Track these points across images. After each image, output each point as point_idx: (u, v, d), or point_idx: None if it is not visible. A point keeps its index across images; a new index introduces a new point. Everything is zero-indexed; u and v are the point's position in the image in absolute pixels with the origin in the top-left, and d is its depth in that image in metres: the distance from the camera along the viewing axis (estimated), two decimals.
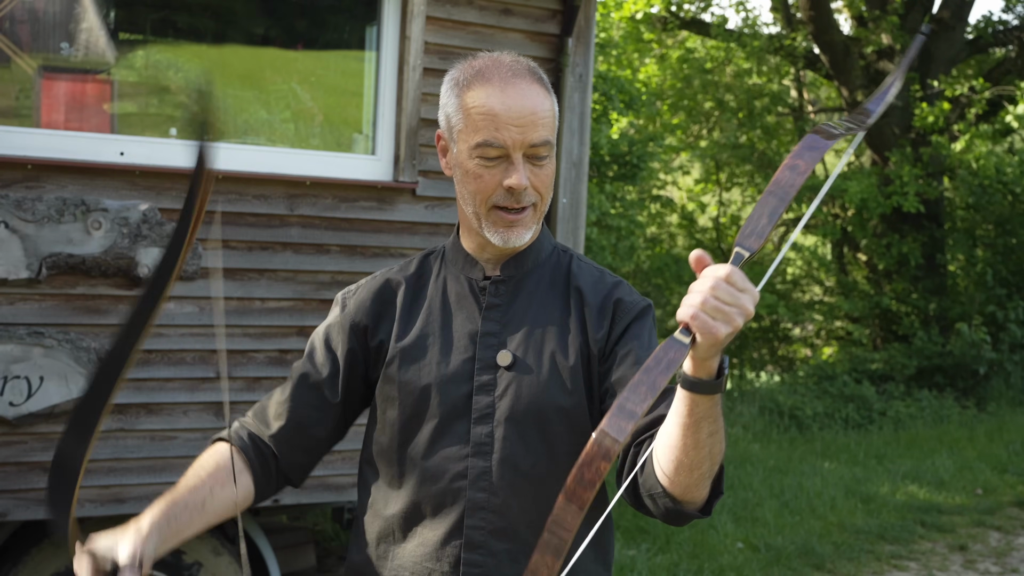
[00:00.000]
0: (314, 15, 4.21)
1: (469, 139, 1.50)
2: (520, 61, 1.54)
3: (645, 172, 8.93)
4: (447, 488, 1.51)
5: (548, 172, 1.52)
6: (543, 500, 1.49)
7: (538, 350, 1.54)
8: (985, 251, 11.12)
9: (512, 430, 1.51)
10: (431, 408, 1.54)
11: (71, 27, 3.62)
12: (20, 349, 3.21)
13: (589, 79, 4.13)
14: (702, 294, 1.14)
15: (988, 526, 6.26)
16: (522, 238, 1.54)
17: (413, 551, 1.53)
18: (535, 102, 1.49)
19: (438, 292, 1.61)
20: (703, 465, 1.29)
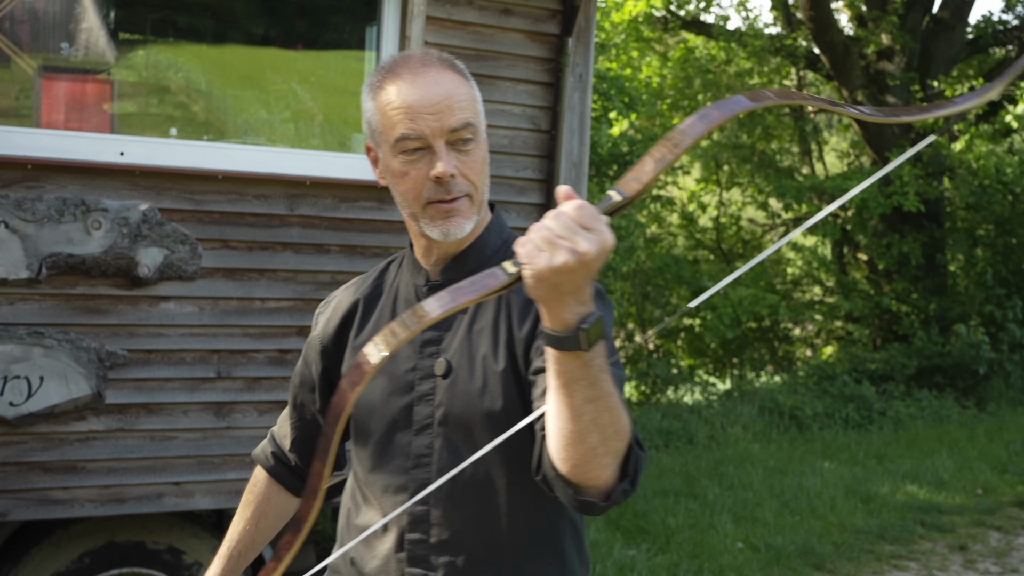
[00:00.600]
0: (314, 15, 4.21)
1: (389, 138, 1.47)
2: (430, 52, 1.51)
3: None
4: (390, 502, 1.50)
5: (476, 158, 1.47)
6: (485, 510, 1.47)
7: (471, 356, 1.49)
8: (985, 251, 11.12)
9: (449, 440, 1.47)
10: (376, 421, 1.53)
11: (71, 27, 3.62)
12: (20, 349, 3.21)
13: (589, 79, 4.13)
14: (540, 224, 1.07)
15: (988, 526, 6.26)
16: (462, 228, 1.48)
17: (369, 563, 1.54)
18: (448, 87, 1.45)
19: (388, 303, 1.60)
20: (589, 438, 1.19)
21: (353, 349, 1.60)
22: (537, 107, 4.05)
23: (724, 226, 12.81)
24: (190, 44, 4.09)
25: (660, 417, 8.67)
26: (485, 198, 1.52)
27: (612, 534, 5.75)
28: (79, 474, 3.37)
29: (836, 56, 11.06)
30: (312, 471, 1.29)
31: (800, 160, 13.26)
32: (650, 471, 7.23)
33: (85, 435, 3.37)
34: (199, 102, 4.01)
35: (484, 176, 1.50)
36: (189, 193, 3.49)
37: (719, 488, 6.76)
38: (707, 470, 7.27)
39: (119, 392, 3.40)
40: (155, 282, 3.41)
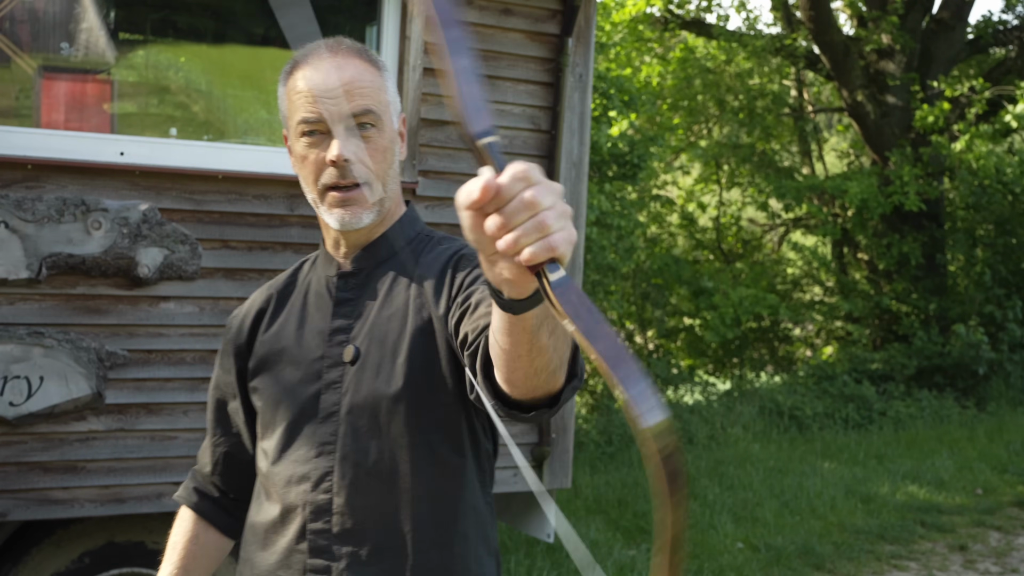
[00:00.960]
0: (314, 15, 4.21)
1: (293, 122, 1.48)
2: (341, 41, 1.51)
3: (645, 172, 8.93)
4: (292, 492, 1.48)
5: (377, 146, 1.46)
6: (391, 497, 1.44)
7: (381, 341, 1.47)
8: (985, 251, 11.12)
9: (353, 427, 1.46)
10: (282, 412, 1.51)
11: (71, 27, 3.62)
12: (20, 349, 3.21)
13: (589, 79, 4.13)
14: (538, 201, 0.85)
15: (988, 526, 6.26)
16: (359, 218, 1.47)
17: (267, 559, 1.50)
18: (351, 73, 1.45)
19: (300, 296, 1.59)
20: (551, 363, 1.14)
21: (260, 343, 1.58)
22: (537, 107, 4.05)
23: (724, 226, 12.81)
24: (190, 44, 4.09)
25: None
26: (390, 189, 1.51)
27: (612, 534, 5.75)
28: (79, 474, 3.37)
29: (836, 56, 11.06)
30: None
31: (800, 160, 13.25)
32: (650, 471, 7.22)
33: (85, 435, 3.37)
34: (199, 102, 4.01)
35: (387, 165, 1.48)
36: (189, 193, 3.49)
37: (719, 488, 6.76)
38: (707, 470, 7.27)
39: (119, 392, 3.40)
40: (155, 282, 3.41)
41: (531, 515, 4.39)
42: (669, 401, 9.81)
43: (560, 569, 5.06)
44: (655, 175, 11.70)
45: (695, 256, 12.44)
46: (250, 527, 1.57)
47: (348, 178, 1.45)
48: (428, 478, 1.45)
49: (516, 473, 4.07)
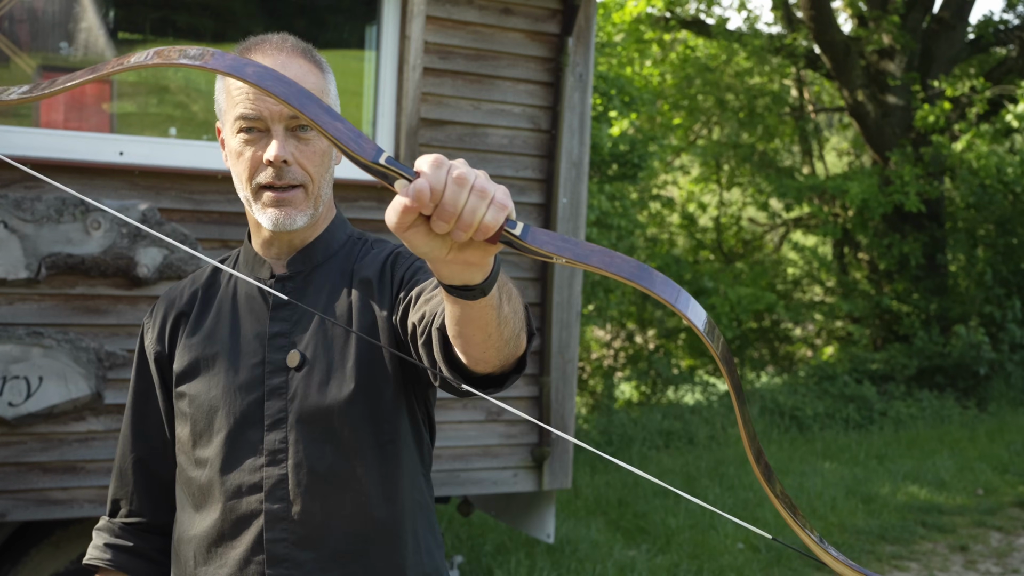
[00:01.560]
0: (314, 15, 4.20)
1: (230, 116, 1.44)
2: (287, 39, 1.49)
3: (645, 172, 8.92)
4: (243, 502, 1.44)
5: (315, 149, 1.44)
6: (346, 502, 1.44)
7: (327, 347, 1.45)
8: (986, 251, 11.11)
9: (305, 433, 1.43)
10: (220, 419, 1.46)
11: (70, 27, 3.61)
12: (19, 349, 3.21)
13: (589, 79, 4.12)
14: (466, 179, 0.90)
15: (989, 526, 6.26)
16: (293, 220, 1.44)
17: (216, 573, 1.46)
18: (295, 73, 1.43)
19: (228, 298, 1.53)
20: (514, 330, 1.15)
21: (187, 347, 1.52)
22: (537, 107, 4.05)
23: (724, 226, 12.81)
24: (190, 44, 4.08)
25: (660, 417, 8.66)
26: (324, 193, 1.48)
27: (612, 535, 5.74)
28: (78, 474, 3.36)
29: (837, 56, 11.05)
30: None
31: (801, 160, 13.25)
32: (650, 471, 7.22)
33: (84, 435, 3.36)
34: (198, 102, 4.01)
35: (323, 169, 1.47)
36: (189, 193, 3.49)
37: (720, 488, 6.75)
38: (708, 470, 7.27)
39: (118, 392, 3.40)
40: (154, 282, 3.41)
41: (531, 515, 4.38)
42: (669, 401, 9.80)
43: (560, 569, 5.05)
44: (655, 175, 11.69)
45: (695, 256, 12.44)
46: (183, 541, 1.51)
47: (284, 179, 1.43)
48: (380, 478, 1.46)
49: (516, 473, 4.07)
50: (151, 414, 1.57)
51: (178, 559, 1.52)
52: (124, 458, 1.60)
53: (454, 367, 1.23)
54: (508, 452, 4.05)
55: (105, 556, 1.58)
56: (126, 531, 1.60)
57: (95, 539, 1.61)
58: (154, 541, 1.60)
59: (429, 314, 1.27)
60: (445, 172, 0.89)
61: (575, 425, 5.06)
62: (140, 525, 1.60)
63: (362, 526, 1.44)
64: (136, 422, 1.59)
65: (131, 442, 1.59)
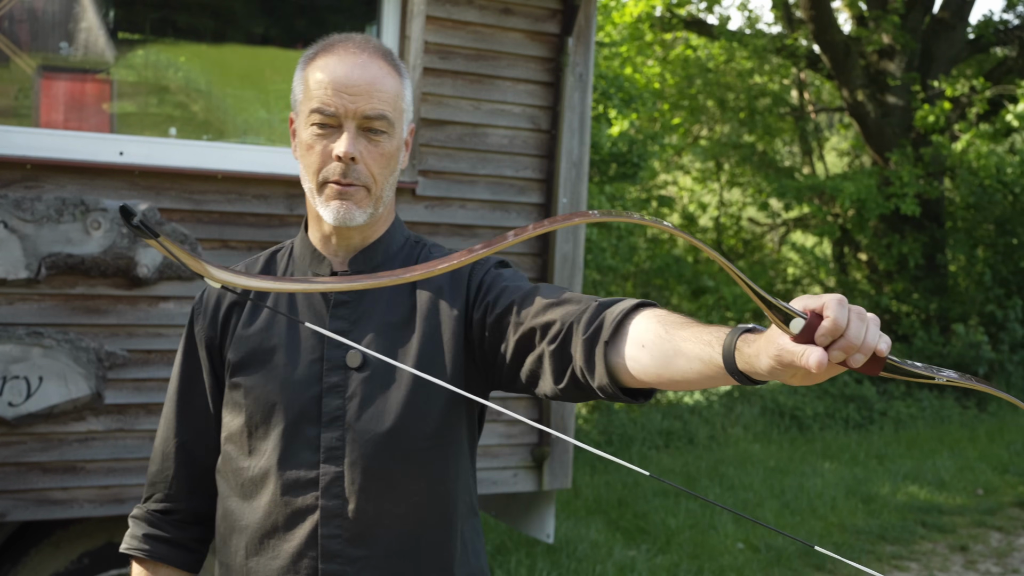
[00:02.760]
0: (314, 14, 4.20)
1: (306, 108, 1.47)
2: (370, 40, 1.51)
3: (645, 172, 8.92)
4: (299, 497, 1.46)
5: (383, 151, 1.46)
6: (399, 502, 1.46)
7: (389, 348, 1.47)
8: (986, 251, 11.11)
9: (362, 432, 1.45)
10: (277, 413, 1.47)
11: (70, 26, 3.61)
12: (19, 349, 3.21)
13: (589, 79, 4.12)
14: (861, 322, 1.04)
15: (989, 526, 6.26)
16: (353, 216, 1.46)
17: (268, 564, 1.47)
18: (374, 75, 1.45)
19: (289, 294, 1.54)
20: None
21: (243, 338, 1.52)
22: (537, 107, 4.05)
23: (724, 226, 12.80)
24: (189, 43, 4.08)
25: (661, 417, 8.66)
26: (386, 195, 1.50)
27: (612, 534, 5.74)
28: (78, 474, 3.36)
29: (837, 56, 11.05)
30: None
31: (801, 160, 13.24)
32: (650, 471, 7.23)
33: (84, 435, 3.36)
34: (198, 102, 4.01)
35: (387, 172, 1.48)
36: (188, 193, 3.48)
37: (720, 488, 6.75)
38: (708, 470, 7.27)
39: (118, 392, 3.40)
40: (154, 282, 3.41)
41: (531, 515, 4.38)
42: (670, 401, 9.81)
43: (560, 569, 5.05)
44: (655, 175, 11.69)
45: (695, 256, 12.43)
46: (234, 531, 1.51)
47: (349, 177, 1.45)
48: (434, 479, 1.48)
49: (516, 473, 4.07)
50: (197, 400, 1.58)
51: (226, 548, 1.53)
52: (167, 442, 1.60)
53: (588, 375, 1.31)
54: (508, 452, 4.05)
55: (144, 547, 1.60)
56: (164, 521, 1.61)
57: (132, 528, 1.62)
58: (191, 530, 1.61)
59: (564, 322, 1.35)
60: (846, 309, 1.02)
61: (575, 425, 5.05)
62: (177, 513, 1.61)
63: (414, 526, 1.46)
64: (181, 407, 1.59)
65: (175, 426, 1.59)
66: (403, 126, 1.50)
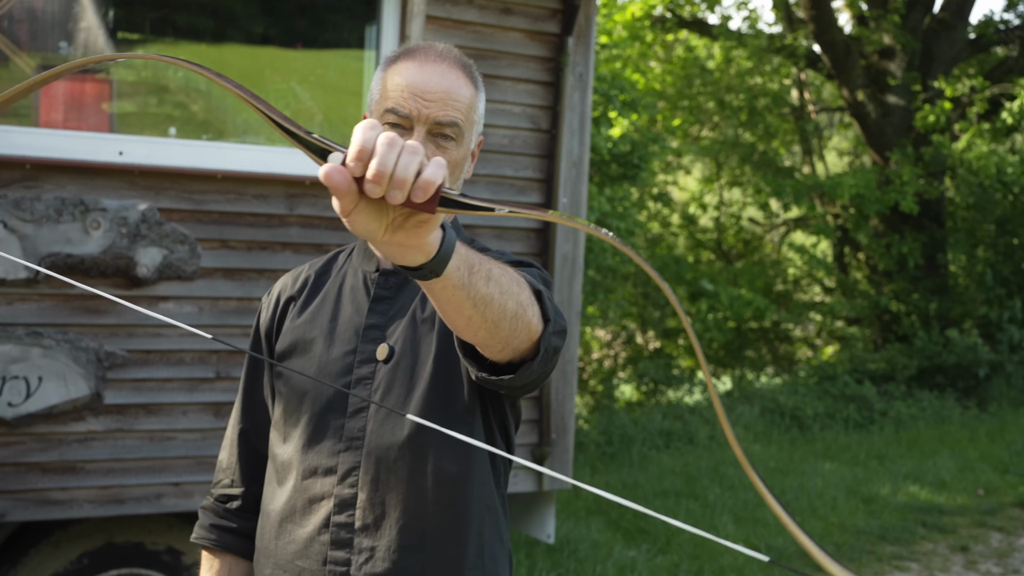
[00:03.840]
0: (313, 14, 4.20)
1: (381, 107, 1.50)
2: (452, 49, 1.54)
3: (646, 173, 8.91)
4: (317, 483, 1.50)
5: (450, 158, 1.48)
6: (409, 495, 1.48)
7: (414, 342, 1.51)
8: (986, 251, 11.10)
9: (383, 424, 1.49)
10: (308, 402, 1.52)
11: (70, 26, 3.61)
12: (18, 349, 3.20)
13: (589, 79, 4.12)
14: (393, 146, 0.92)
15: (990, 527, 6.25)
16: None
17: (285, 548, 1.52)
18: (451, 84, 1.48)
19: (335, 286, 1.60)
20: (508, 306, 1.20)
21: (291, 329, 1.58)
22: (537, 107, 4.04)
23: (724, 226, 12.80)
24: (189, 43, 4.08)
25: (661, 418, 8.66)
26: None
27: (612, 535, 5.74)
28: (78, 475, 3.36)
29: (837, 55, 11.05)
30: None
31: (801, 159, 13.24)
32: (650, 472, 7.22)
33: (84, 436, 3.36)
34: (198, 101, 4.01)
35: (451, 180, 1.50)
36: (188, 193, 3.48)
37: (720, 489, 6.75)
38: (708, 471, 7.26)
39: (118, 392, 3.39)
40: (154, 282, 3.40)
41: (531, 515, 4.38)
42: (670, 401, 9.80)
43: (560, 569, 5.05)
44: (655, 175, 11.68)
45: (696, 255, 12.43)
46: (264, 513, 1.58)
47: None
48: (447, 477, 1.50)
49: (516, 473, 4.06)
50: (258, 389, 1.65)
51: (260, 530, 1.59)
52: (233, 428, 1.68)
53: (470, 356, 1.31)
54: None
55: (211, 536, 1.66)
56: (229, 511, 1.67)
57: (201, 518, 1.69)
58: (254, 519, 1.66)
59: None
60: (376, 132, 0.91)
61: (575, 425, 5.05)
62: (240, 500, 1.67)
63: (422, 522, 1.48)
64: (246, 395, 1.67)
65: (240, 414, 1.67)
66: (472, 137, 1.54)
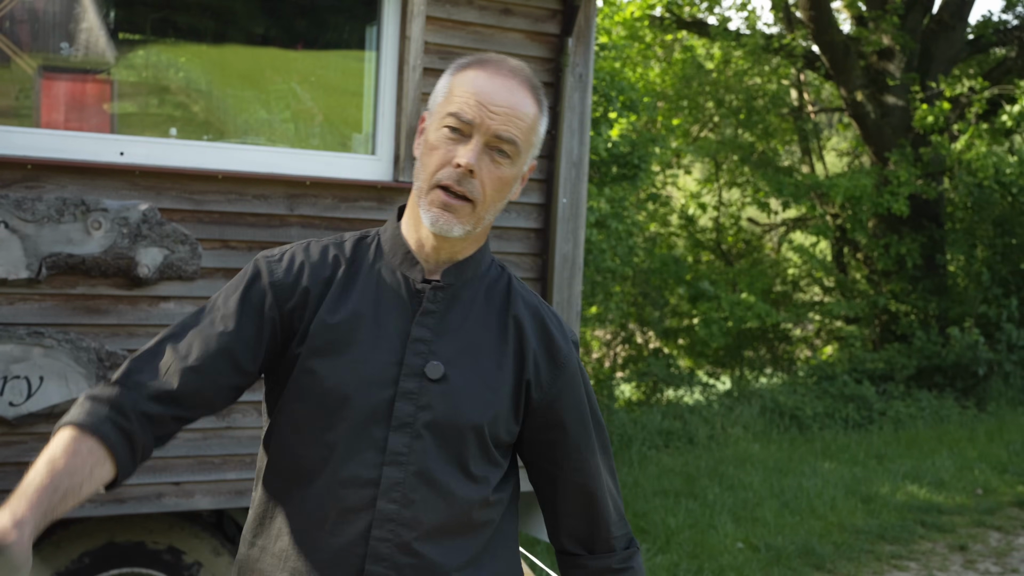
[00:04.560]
0: (314, 15, 4.21)
1: (444, 109, 1.49)
2: (524, 68, 1.54)
3: (645, 173, 8.92)
4: (356, 494, 1.45)
5: (502, 175, 1.49)
6: (451, 518, 1.49)
7: (469, 367, 1.50)
8: (984, 251, 11.11)
9: (431, 443, 1.47)
10: (347, 408, 1.47)
11: (71, 27, 3.61)
12: (20, 349, 3.21)
13: (589, 79, 4.13)
14: None
15: (988, 526, 6.26)
16: (451, 228, 1.47)
17: (310, 555, 1.47)
18: (518, 101, 1.48)
19: (371, 282, 1.53)
20: None
21: (324, 324, 1.49)
22: None
23: (724, 227, 12.80)
24: (190, 44, 4.08)
25: (660, 417, 8.67)
26: (487, 217, 1.52)
27: None
28: None
29: (836, 56, 11.05)
30: None
31: (800, 159, 13.25)
32: (650, 471, 7.23)
33: None
34: (199, 102, 4.01)
35: (499, 197, 1.51)
36: (189, 193, 3.49)
37: (719, 488, 6.76)
38: (707, 470, 7.27)
39: None
40: (155, 282, 3.41)
41: (532, 515, 4.39)
42: (669, 401, 9.81)
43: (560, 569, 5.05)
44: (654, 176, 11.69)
45: (696, 255, 12.44)
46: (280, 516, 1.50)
47: (463, 186, 1.47)
48: (482, 504, 1.52)
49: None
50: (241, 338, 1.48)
51: (264, 531, 1.52)
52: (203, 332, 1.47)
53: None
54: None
55: (98, 425, 1.39)
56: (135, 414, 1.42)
57: (93, 405, 1.41)
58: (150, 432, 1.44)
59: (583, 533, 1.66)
60: None
61: None
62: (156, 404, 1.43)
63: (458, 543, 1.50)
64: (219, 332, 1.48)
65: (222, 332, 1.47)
66: (527, 159, 1.54)
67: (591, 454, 1.60)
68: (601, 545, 1.63)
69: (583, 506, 1.60)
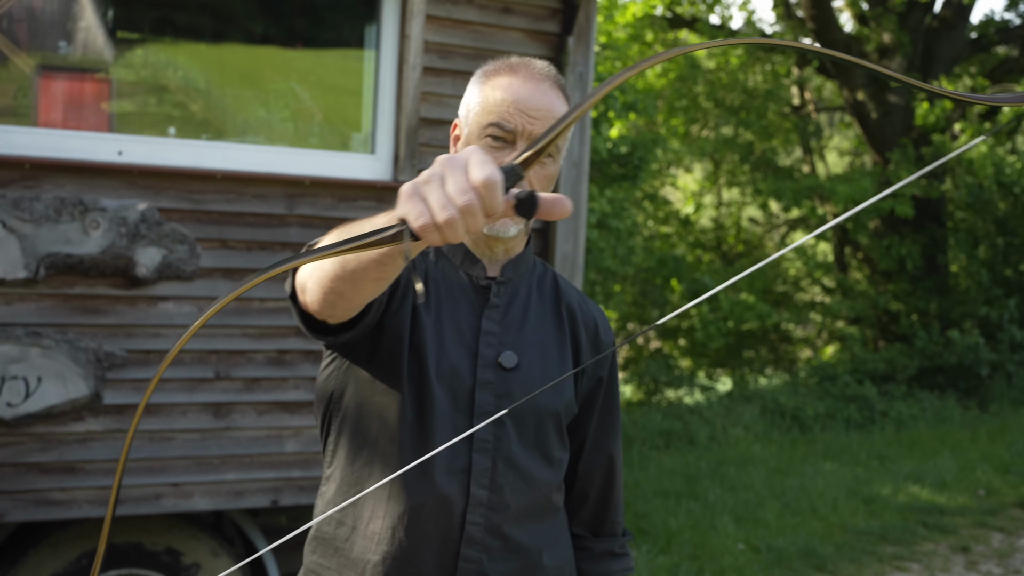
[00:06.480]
0: (313, 14, 4.19)
1: (482, 120, 1.53)
2: (550, 67, 1.59)
3: (645, 173, 8.91)
4: (450, 483, 1.52)
5: (547, 173, 1.54)
6: (533, 501, 1.58)
7: (538, 356, 1.59)
8: (985, 251, 11.10)
9: (513, 430, 1.55)
10: (431, 400, 1.53)
11: (69, 26, 3.60)
12: (18, 349, 3.20)
13: (589, 79, 4.11)
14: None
15: (990, 527, 6.24)
16: (507, 229, 1.55)
17: (408, 542, 1.51)
18: (553, 102, 1.53)
19: (440, 279, 1.61)
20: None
21: (421, 321, 1.53)
22: None
23: (724, 227, 12.79)
24: (189, 43, 4.07)
25: (661, 418, 8.65)
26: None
27: None
28: (77, 475, 3.35)
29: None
30: None
31: (801, 159, 13.23)
32: (650, 472, 7.21)
33: (83, 436, 3.35)
34: (198, 101, 4.00)
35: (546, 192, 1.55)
36: (188, 192, 3.47)
37: (720, 489, 6.74)
38: (708, 471, 7.25)
39: (117, 393, 3.39)
40: (153, 282, 3.40)
41: None
42: (670, 402, 9.79)
43: None
44: (654, 176, 11.68)
45: (696, 255, 12.42)
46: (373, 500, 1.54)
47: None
48: (558, 487, 1.63)
49: None
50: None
51: (351, 509, 1.56)
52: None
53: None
54: None
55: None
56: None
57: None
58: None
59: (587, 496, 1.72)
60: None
61: None
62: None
63: (540, 523, 1.59)
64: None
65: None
66: (562, 156, 1.61)
67: (615, 440, 1.71)
68: (607, 528, 1.72)
69: (600, 489, 1.71)
